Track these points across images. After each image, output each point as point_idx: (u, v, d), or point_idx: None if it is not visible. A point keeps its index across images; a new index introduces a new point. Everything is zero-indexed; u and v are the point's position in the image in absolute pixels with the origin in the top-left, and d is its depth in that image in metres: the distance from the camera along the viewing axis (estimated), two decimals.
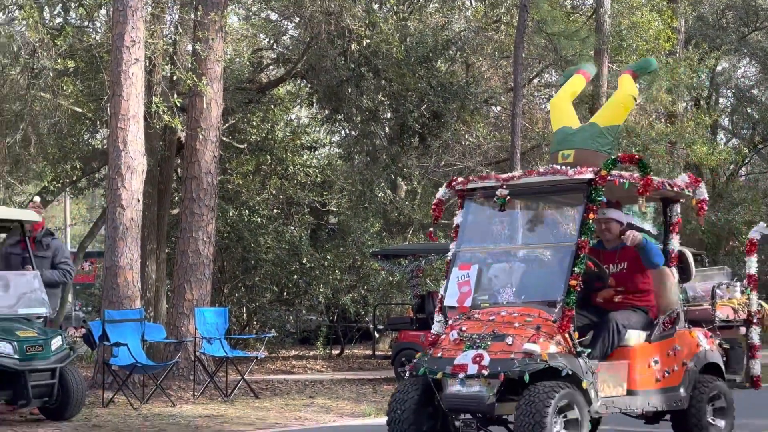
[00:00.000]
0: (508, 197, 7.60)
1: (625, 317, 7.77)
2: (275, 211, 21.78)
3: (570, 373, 6.98)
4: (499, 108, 23.81)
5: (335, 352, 22.90)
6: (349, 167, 21.71)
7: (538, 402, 6.74)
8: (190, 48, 16.62)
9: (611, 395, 7.44)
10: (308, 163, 22.29)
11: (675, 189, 8.16)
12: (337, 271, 20.94)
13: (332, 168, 22.77)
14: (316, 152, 24.12)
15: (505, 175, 7.76)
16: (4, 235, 12.36)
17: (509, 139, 18.27)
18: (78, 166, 18.14)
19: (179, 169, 19.78)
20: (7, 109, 17.35)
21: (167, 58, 17.26)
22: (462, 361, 7.09)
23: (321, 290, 20.97)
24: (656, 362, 7.78)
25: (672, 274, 8.20)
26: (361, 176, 20.34)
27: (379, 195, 20.63)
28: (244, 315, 22.61)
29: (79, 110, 17.73)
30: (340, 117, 20.75)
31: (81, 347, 15.53)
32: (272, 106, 20.91)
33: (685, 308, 8.45)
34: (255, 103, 20.07)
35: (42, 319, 10.57)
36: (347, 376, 17.29)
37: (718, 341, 8.46)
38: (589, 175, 7.38)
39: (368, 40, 17.86)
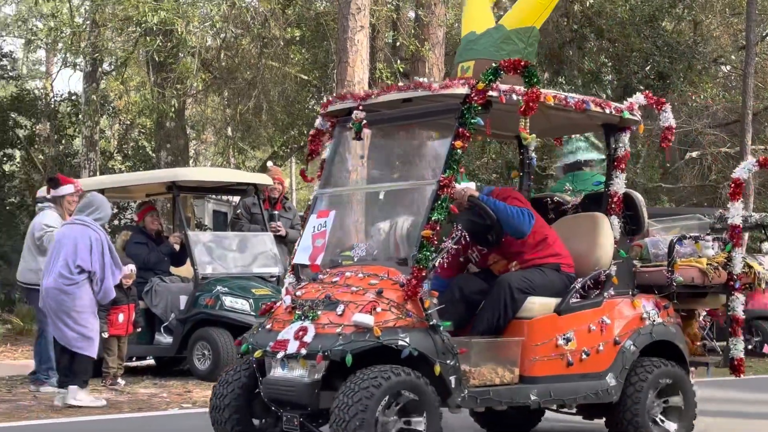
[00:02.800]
0: (365, 122, 5.87)
1: (522, 279, 5.94)
2: (494, 175, 21.79)
3: (415, 354, 5.24)
4: (728, 67, 22.82)
5: None
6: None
7: (359, 394, 5.03)
8: (412, 14, 16.84)
9: (495, 383, 5.63)
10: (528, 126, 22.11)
11: (608, 111, 6.10)
12: None
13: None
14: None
15: (362, 93, 6.12)
16: (236, 198, 13.00)
17: (740, 99, 17.52)
18: (305, 132, 18.82)
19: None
20: (239, 78, 18.17)
21: (390, 25, 17.55)
22: (284, 337, 5.39)
23: None
24: (568, 340, 5.91)
25: (609, 224, 6.27)
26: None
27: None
28: None
29: (306, 77, 18.35)
30: (561, 80, 20.47)
31: None
32: None
33: (635, 270, 6.49)
34: None
35: (275, 278, 11.08)
36: None
37: (676, 312, 6.55)
38: (461, 90, 5.52)
39: (591, 0, 17.51)
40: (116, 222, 17.49)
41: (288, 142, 20.13)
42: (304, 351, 5.24)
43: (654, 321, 6.31)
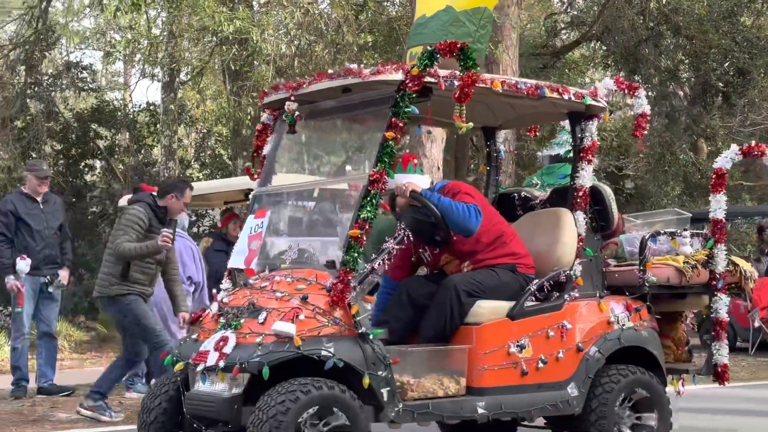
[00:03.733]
0: (297, 113, 5.45)
1: (471, 281, 5.44)
2: None
3: (341, 365, 4.82)
4: None
5: None
6: (647, 130, 21.11)
7: (274, 409, 4.66)
8: None
9: (438, 395, 5.16)
10: (603, 126, 21.87)
11: (567, 97, 5.60)
12: None
13: (628, 131, 22.19)
14: (612, 115, 23.63)
15: (295, 83, 5.63)
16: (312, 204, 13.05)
17: None
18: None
19: (474, 137, 20.06)
20: None
21: None
22: (205, 348, 5.01)
23: None
24: (522, 347, 5.41)
25: (572, 220, 5.77)
26: (660, 138, 19.74)
27: (680, 157, 19.94)
28: None
29: None
30: (637, 78, 20.21)
31: None
32: (566, 70, 20.70)
33: (606, 270, 5.99)
34: (549, 68, 19.95)
35: None
36: None
37: (650, 315, 6.00)
38: (394, 76, 5.06)
39: None
40: (195, 230, 17.73)
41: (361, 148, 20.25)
42: (222, 363, 4.84)
43: (623, 325, 5.78)
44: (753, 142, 6.33)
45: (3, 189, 16.43)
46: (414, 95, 5.04)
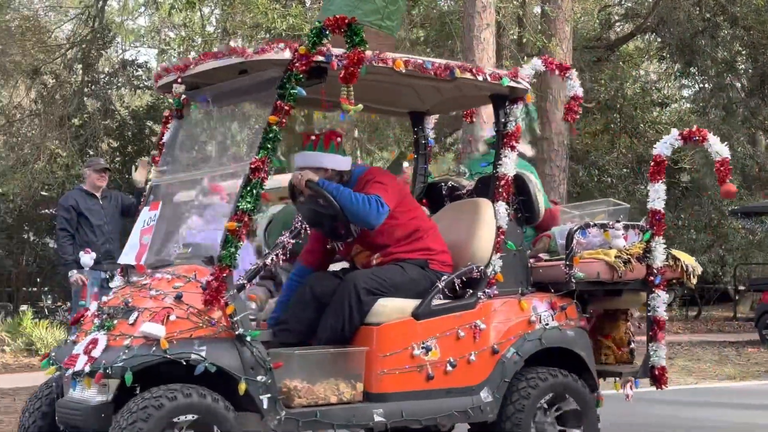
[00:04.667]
0: (184, 97, 5.09)
1: (373, 278, 4.97)
2: (624, 170, 21.39)
3: (213, 369, 4.41)
4: None
5: (692, 313, 22.22)
6: (703, 122, 20.84)
7: (134, 416, 4.24)
8: (538, 9, 16.68)
9: (331, 401, 4.73)
10: (659, 119, 21.64)
11: (481, 78, 5.13)
12: (692, 231, 20.25)
13: (684, 124, 21.92)
14: (667, 108, 23.38)
15: (182, 63, 5.17)
16: None
17: None
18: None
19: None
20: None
21: (516, 21, 17.42)
22: (77, 351, 4.58)
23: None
24: (427, 349, 4.95)
25: (491, 211, 5.30)
26: (717, 131, 19.46)
27: (738, 150, 19.67)
28: None
29: None
30: (693, 70, 19.98)
31: None
32: (621, 63, 20.51)
33: (533, 265, 5.52)
34: (603, 61, 19.79)
35: None
36: (707, 338, 16.74)
37: (579, 313, 5.52)
38: (280, 56, 4.66)
39: None
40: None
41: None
42: (88, 368, 4.40)
43: (547, 324, 5.30)
44: (695, 127, 5.79)
45: (61, 186, 16.71)
46: (302, 76, 4.62)
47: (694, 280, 5.85)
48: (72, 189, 10.72)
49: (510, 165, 5.30)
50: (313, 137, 5.10)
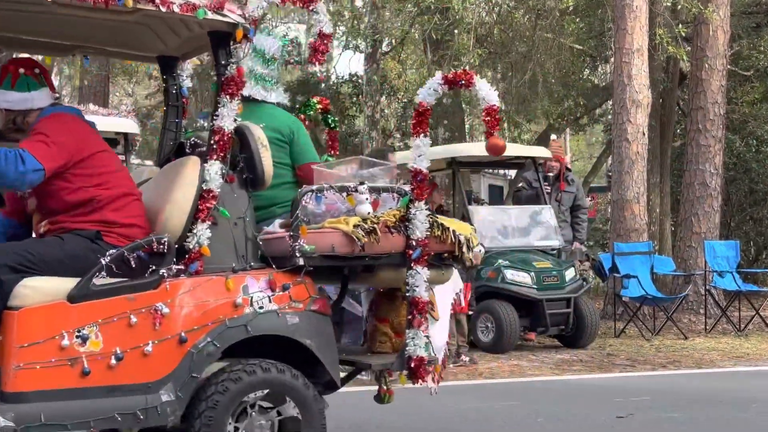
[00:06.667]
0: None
1: (18, 252, 4.13)
2: None
3: None
4: None
5: None
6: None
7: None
8: None
9: None
10: (733, 96, 20.68)
11: (164, 9, 4.18)
12: None
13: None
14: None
15: None
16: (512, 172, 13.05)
17: None
18: (581, 103, 18.55)
19: (680, 101, 19.43)
20: (513, 51, 18.17)
21: None
22: None
23: None
24: (84, 338, 4.05)
25: (197, 172, 4.40)
26: None
27: None
28: (752, 249, 21.73)
29: (581, 48, 18.07)
30: None
31: (592, 279, 16.01)
32: None
33: (261, 237, 4.57)
34: (763, 27, 19.02)
35: (556, 251, 11.06)
36: None
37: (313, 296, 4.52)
38: None
39: None
40: None
41: (564, 114, 19.94)
42: None
43: (259, 308, 4.35)
44: (462, 69, 4.75)
45: None
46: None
47: (471, 255, 4.82)
48: None
49: (228, 117, 4.41)
50: None
